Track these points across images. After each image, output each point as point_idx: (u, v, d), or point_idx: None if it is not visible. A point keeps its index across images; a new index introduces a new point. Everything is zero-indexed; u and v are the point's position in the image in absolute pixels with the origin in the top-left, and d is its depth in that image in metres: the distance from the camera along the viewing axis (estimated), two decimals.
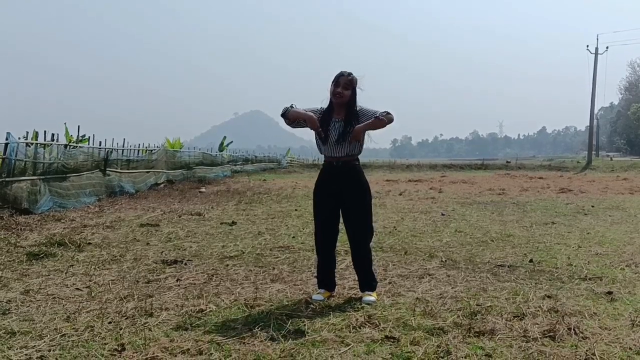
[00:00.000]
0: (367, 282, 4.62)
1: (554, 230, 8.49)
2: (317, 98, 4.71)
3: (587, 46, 48.93)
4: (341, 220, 4.64)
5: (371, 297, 4.49)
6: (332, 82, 4.53)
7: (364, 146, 4.66)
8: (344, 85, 4.49)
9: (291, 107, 4.47)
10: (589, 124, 50.61)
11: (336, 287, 4.74)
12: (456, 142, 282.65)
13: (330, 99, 4.58)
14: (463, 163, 51.69)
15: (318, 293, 4.58)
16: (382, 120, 4.42)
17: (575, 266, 5.81)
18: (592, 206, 12.24)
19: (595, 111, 54.49)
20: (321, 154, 4.70)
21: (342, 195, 4.55)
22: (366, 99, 4.62)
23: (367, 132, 4.54)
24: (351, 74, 4.54)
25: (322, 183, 4.64)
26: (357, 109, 4.56)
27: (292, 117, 4.45)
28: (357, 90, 4.57)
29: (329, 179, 4.59)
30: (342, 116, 4.55)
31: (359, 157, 4.68)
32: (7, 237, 7.46)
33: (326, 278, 4.66)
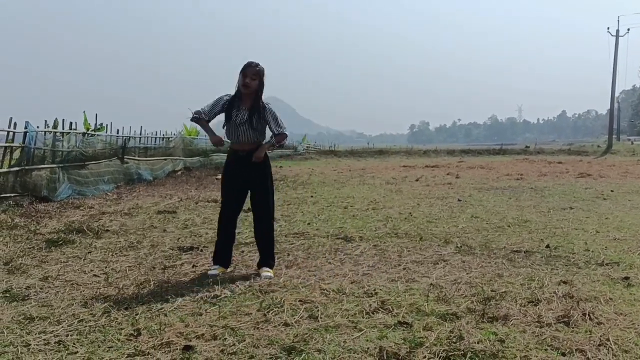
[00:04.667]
0: (266, 259, 4.93)
1: (571, 216, 8.40)
2: (330, 86, 4.81)
3: (608, 28, 47.89)
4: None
5: (269, 272, 4.78)
6: (240, 72, 4.68)
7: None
8: (252, 75, 4.66)
9: (197, 113, 4.77)
10: (609, 108, 49.75)
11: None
12: (474, 127, 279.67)
13: (238, 87, 4.75)
14: (481, 148, 51.19)
15: (213, 269, 4.91)
16: (275, 144, 4.96)
17: (592, 251, 5.75)
18: (612, 191, 12.09)
19: (616, 94, 53.53)
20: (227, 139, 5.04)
21: (247, 179, 4.83)
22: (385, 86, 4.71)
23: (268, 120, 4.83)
24: (259, 64, 4.70)
25: (228, 167, 4.97)
26: (264, 104, 4.76)
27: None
28: (265, 81, 4.75)
29: (234, 163, 4.90)
30: (248, 106, 4.74)
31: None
32: (27, 225, 7.59)
33: (223, 255, 4.98)
